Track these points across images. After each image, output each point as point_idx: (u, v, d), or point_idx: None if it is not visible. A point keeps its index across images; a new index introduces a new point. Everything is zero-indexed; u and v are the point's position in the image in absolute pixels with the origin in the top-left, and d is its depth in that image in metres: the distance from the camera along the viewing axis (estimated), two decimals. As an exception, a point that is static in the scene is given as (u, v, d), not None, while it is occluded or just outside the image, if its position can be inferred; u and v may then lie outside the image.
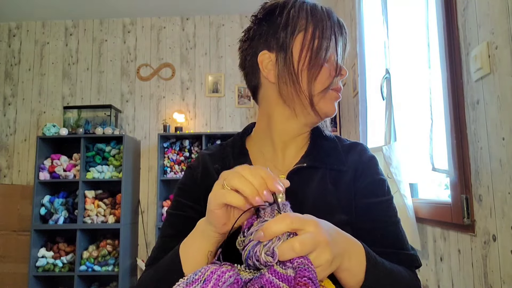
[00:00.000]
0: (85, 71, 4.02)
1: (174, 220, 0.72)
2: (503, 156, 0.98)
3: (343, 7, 3.05)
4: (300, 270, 0.43)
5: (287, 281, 0.43)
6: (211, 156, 0.76)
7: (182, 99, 3.98)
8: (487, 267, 1.07)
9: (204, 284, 0.44)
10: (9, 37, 4.07)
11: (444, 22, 1.27)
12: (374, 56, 2.23)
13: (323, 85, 0.69)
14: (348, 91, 2.85)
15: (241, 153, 0.75)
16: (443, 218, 1.34)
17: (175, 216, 0.72)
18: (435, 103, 1.37)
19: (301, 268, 0.43)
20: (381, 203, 0.69)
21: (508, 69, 0.95)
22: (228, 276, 0.45)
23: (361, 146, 0.76)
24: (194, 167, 0.76)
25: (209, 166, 0.74)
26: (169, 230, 0.72)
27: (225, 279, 0.44)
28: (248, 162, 0.73)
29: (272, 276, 0.44)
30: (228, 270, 0.45)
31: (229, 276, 0.45)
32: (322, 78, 0.68)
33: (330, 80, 0.69)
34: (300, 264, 0.43)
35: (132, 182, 3.66)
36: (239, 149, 0.76)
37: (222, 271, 0.45)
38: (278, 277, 0.44)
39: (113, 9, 3.89)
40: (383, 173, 0.74)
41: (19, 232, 3.40)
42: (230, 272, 0.45)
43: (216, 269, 0.45)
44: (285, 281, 0.43)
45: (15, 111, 3.97)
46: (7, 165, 3.89)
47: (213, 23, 4.08)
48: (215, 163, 0.74)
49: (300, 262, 0.43)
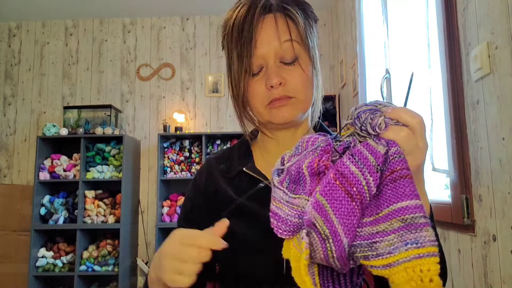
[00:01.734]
0: (85, 71, 4.02)
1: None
2: (503, 156, 0.98)
3: (343, 7, 3.05)
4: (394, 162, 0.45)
5: (375, 155, 0.45)
6: (217, 159, 0.79)
7: (182, 99, 3.98)
8: (487, 267, 1.07)
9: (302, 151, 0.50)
10: (9, 37, 4.07)
11: (444, 22, 1.27)
12: (374, 56, 2.23)
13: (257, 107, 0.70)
14: (348, 91, 2.85)
15: (246, 154, 0.77)
16: (443, 218, 1.34)
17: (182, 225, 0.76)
18: (435, 103, 1.37)
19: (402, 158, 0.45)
20: None
21: (508, 69, 0.95)
22: (321, 140, 0.50)
23: None
24: (200, 173, 0.79)
25: (213, 170, 0.76)
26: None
27: (318, 143, 0.50)
28: (251, 162, 0.74)
29: (363, 148, 0.46)
30: (321, 135, 0.51)
31: (321, 141, 0.50)
32: (252, 102, 0.70)
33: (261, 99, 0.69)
34: (398, 152, 0.45)
35: (132, 182, 3.66)
36: (244, 150, 0.78)
37: (315, 137, 0.51)
38: (368, 150, 0.46)
39: (113, 9, 3.89)
40: None
41: (19, 232, 3.40)
42: (323, 137, 0.50)
43: (310, 137, 0.51)
44: (373, 154, 0.45)
45: (15, 111, 3.97)
46: (7, 165, 3.89)
47: (213, 23, 4.08)
48: (220, 164, 0.76)
49: (398, 151, 0.45)
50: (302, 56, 0.68)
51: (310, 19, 0.71)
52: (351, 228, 0.44)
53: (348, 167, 0.45)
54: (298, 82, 0.68)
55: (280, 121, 0.69)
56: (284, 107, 0.68)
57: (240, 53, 0.67)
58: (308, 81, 0.69)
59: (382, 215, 0.44)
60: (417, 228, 0.41)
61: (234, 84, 0.70)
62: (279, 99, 0.67)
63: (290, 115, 0.68)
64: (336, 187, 0.45)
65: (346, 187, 0.44)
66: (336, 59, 3.35)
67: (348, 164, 0.45)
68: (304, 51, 0.69)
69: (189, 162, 3.69)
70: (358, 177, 0.44)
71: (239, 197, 0.68)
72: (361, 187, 0.44)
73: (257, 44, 0.66)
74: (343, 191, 0.44)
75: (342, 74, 3.10)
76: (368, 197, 0.44)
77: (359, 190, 0.44)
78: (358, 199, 0.44)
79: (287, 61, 0.67)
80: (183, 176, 3.60)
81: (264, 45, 0.66)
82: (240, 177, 0.72)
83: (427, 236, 0.41)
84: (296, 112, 0.69)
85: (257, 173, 0.71)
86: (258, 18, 0.66)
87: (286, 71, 0.67)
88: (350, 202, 0.44)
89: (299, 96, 0.68)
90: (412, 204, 0.42)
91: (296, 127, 0.74)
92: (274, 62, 0.67)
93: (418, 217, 0.42)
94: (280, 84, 0.66)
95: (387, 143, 0.46)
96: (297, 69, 0.68)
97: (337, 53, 3.35)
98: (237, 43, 0.67)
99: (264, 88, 0.67)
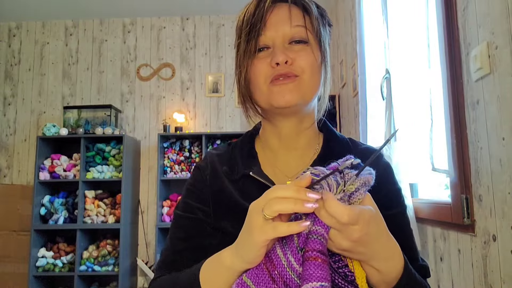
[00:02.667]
0: (85, 71, 4.02)
1: (183, 223, 0.70)
2: (503, 156, 0.98)
3: (343, 7, 3.05)
4: (311, 241, 0.46)
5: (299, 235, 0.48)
6: (219, 157, 0.74)
7: (182, 99, 3.98)
8: (487, 267, 1.07)
9: None
10: (9, 37, 4.07)
11: (444, 22, 1.27)
12: (374, 56, 2.23)
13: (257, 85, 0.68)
14: (348, 91, 2.85)
15: (250, 155, 0.73)
16: (443, 218, 1.34)
17: (185, 219, 0.70)
18: (435, 103, 1.37)
19: (313, 239, 0.46)
20: (396, 216, 0.67)
21: (508, 69, 0.95)
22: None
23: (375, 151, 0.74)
24: (202, 168, 0.74)
25: (217, 167, 0.72)
26: (178, 232, 0.70)
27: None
28: (257, 165, 0.70)
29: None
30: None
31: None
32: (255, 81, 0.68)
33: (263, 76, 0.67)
34: (315, 232, 0.47)
35: (132, 182, 3.66)
36: (247, 150, 0.73)
37: None
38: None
39: (113, 9, 3.88)
40: (398, 182, 0.72)
41: (19, 232, 3.40)
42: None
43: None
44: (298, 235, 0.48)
45: (15, 111, 3.97)
46: (7, 165, 3.89)
47: (213, 23, 4.08)
48: (223, 164, 0.72)
49: (316, 230, 0.47)
50: (312, 44, 0.67)
51: (325, 20, 0.71)
52: None
53: (275, 251, 0.49)
54: (305, 62, 0.65)
55: (280, 103, 0.65)
56: (286, 85, 0.65)
57: (249, 32, 0.66)
58: (316, 65, 0.67)
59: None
60: None
61: (239, 64, 0.69)
62: (283, 74, 0.65)
63: (292, 98, 0.65)
64: (263, 270, 0.49)
65: (270, 270, 0.49)
66: (336, 59, 3.36)
67: (276, 248, 0.49)
68: (315, 40, 0.68)
69: (189, 162, 3.69)
70: (280, 260, 0.48)
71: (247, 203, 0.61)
72: (283, 268, 0.48)
73: (266, 25, 0.66)
74: (267, 274, 0.49)
75: (342, 74, 3.10)
76: (294, 276, 0.47)
77: (281, 272, 0.48)
78: (280, 280, 0.48)
79: (296, 39, 0.66)
80: (183, 176, 3.59)
81: (274, 28, 0.66)
82: (245, 181, 0.68)
83: None
84: (299, 95, 0.65)
85: (264, 178, 0.67)
86: (271, 3, 0.67)
87: (294, 52, 0.66)
88: (271, 284, 0.48)
89: (304, 76, 0.65)
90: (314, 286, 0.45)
91: (300, 118, 0.70)
92: (282, 42, 0.66)
93: None
94: (286, 63, 0.65)
95: (314, 219, 0.47)
96: (306, 50, 0.66)
97: (337, 53, 3.35)
98: (247, 24, 0.67)
99: (269, 66, 0.65)
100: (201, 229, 0.68)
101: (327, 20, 0.73)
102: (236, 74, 0.71)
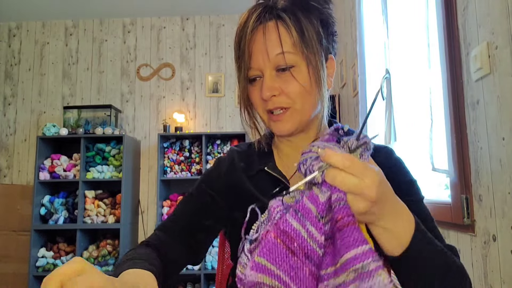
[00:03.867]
0: (85, 71, 4.02)
1: (191, 200, 0.77)
2: (503, 156, 0.98)
3: (343, 7, 3.05)
4: (340, 209, 0.45)
5: (316, 204, 0.47)
6: (239, 154, 0.79)
7: (182, 99, 3.98)
8: (487, 267, 1.07)
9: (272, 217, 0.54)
10: (9, 37, 4.07)
11: (444, 22, 1.27)
12: (374, 56, 2.23)
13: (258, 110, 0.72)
14: (348, 91, 2.85)
15: (266, 153, 0.77)
16: (443, 218, 1.34)
17: (194, 196, 0.77)
18: (435, 103, 1.37)
19: (340, 206, 0.45)
20: (410, 204, 0.63)
21: (508, 69, 0.95)
22: (276, 212, 0.53)
23: (387, 149, 0.74)
24: (222, 160, 0.80)
25: (236, 163, 0.77)
26: (183, 206, 0.77)
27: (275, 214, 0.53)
28: (272, 161, 0.75)
29: (307, 199, 0.48)
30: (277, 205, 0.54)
31: (277, 212, 0.53)
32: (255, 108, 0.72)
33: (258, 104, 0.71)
34: (339, 199, 0.46)
35: (132, 182, 3.66)
36: (264, 149, 0.78)
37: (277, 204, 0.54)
38: (311, 200, 0.47)
39: (113, 9, 3.88)
40: (411, 174, 0.71)
41: (19, 232, 3.40)
42: (280, 207, 0.54)
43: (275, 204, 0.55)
44: (315, 204, 0.47)
45: (15, 111, 3.97)
46: (7, 165, 3.89)
47: (213, 23, 4.08)
48: (241, 161, 0.77)
49: (339, 197, 0.46)
50: (298, 64, 0.66)
51: (314, 21, 0.67)
52: (301, 280, 0.46)
53: (290, 224, 0.47)
54: (293, 91, 0.66)
55: (281, 134, 0.70)
56: (281, 122, 0.68)
57: (239, 65, 0.70)
58: (305, 90, 0.67)
59: (339, 266, 0.45)
60: (369, 276, 0.42)
61: (240, 88, 0.73)
62: (275, 110, 0.68)
63: (290, 128, 0.69)
64: (277, 245, 0.47)
65: (287, 243, 0.47)
66: (336, 59, 3.35)
67: (290, 221, 0.47)
68: (301, 59, 0.66)
69: (189, 162, 3.69)
70: (299, 231, 0.46)
71: (261, 196, 0.69)
72: (303, 240, 0.46)
73: (252, 56, 0.67)
74: (284, 248, 0.47)
75: (342, 74, 3.10)
76: (316, 247, 0.46)
77: (301, 243, 0.46)
78: (301, 252, 0.46)
79: (282, 67, 0.66)
80: (183, 176, 3.59)
81: (259, 58, 0.66)
82: (261, 176, 0.73)
83: (381, 281, 0.41)
84: (295, 123, 0.68)
85: (278, 173, 0.71)
86: (251, 30, 0.67)
87: (282, 80, 0.67)
88: (291, 257, 0.46)
89: (295, 106, 0.67)
90: (359, 253, 0.43)
91: (305, 131, 0.73)
92: (269, 72, 0.67)
93: (367, 264, 0.42)
94: (275, 96, 0.67)
95: (330, 188, 0.46)
96: (295, 73, 0.66)
97: (337, 53, 3.35)
98: (237, 58, 0.70)
99: (256, 98, 0.70)
100: (205, 211, 0.74)
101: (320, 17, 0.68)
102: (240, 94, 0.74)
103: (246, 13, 0.69)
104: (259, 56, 0.66)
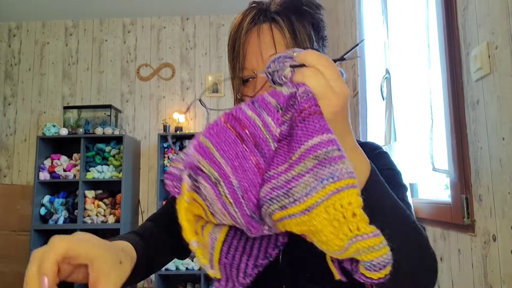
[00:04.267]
0: (85, 71, 4.02)
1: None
2: (503, 156, 0.98)
3: (343, 7, 3.05)
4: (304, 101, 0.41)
5: (277, 97, 0.43)
6: None
7: (182, 99, 3.98)
8: (487, 267, 1.07)
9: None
10: (9, 37, 4.07)
11: (444, 22, 1.27)
12: (374, 56, 2.23)
13: None
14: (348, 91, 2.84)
15: None
16: (443, 218, 1.34)
17: None
18: (435, 103, 1.37)
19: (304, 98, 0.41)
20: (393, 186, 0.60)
21: (508, 69, 0.95)
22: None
23: (372, 143, 0.76)
24: None
25: None
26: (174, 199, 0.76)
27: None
28: None
29: (267, 94, 0.44)
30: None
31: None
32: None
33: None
34: (307, 91, 0.41)
35: (132, 182, 3.66)
36: None
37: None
38: (271, 94, 0.43)
39: (113, 9, 3.89)
40: (395, 166, 0.70)
41: (19, 232, 3.40)
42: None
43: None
44: (274, 96, 0.43)
45: (15, 111, 3.97)
46: (7, 165, 3.89)
47: (213, 23, 4.08)
48: None
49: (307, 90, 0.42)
50: None
51: (307, 24, 0.67)
52: (245, 171, 0.41)
53: (243, 112, 0.43)
54: None
55: None
56: None
57: (233, 66, 0.70)
58: None
59: (295, 158, 0.40)
60: (331, 162, 0.37)
61: (235, 88, 0.73)
62: None
63: None
64: (226, 129, 0.43)
65: (237, 129, 0.42)
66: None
67: (244, 109, 0.43)
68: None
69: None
70: (252, 119, 0.42)
71: None
72: (256, 128, 0.42)
73: (246, 57, 0.67)
74: (233, 133, 0.42)
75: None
76: (270, 138, 0.42)
77: (253, 131, 0.42)
78: (251, 141, 0.42)
79: None
80: (183, 176, 3.59)
81: (253, 59, 0.67)
82: None
83: (343, 169, 0.37)
84: None
85: None
86: (246, 32, 0.67)
87: None
88: (240, 143, 0.42)
89: None
90: (324, 139, 0.39)
91: None
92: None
93: (331, 150, 0.38)
94: None
95: (295, 85, 0.43)
96: None
97: (337, 53, 3.35)
98: (232, 59, 0.70)
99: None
100: None
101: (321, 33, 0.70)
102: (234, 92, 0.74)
103: (241, 15, 0.69)
104: (253, 57, 0.67)
